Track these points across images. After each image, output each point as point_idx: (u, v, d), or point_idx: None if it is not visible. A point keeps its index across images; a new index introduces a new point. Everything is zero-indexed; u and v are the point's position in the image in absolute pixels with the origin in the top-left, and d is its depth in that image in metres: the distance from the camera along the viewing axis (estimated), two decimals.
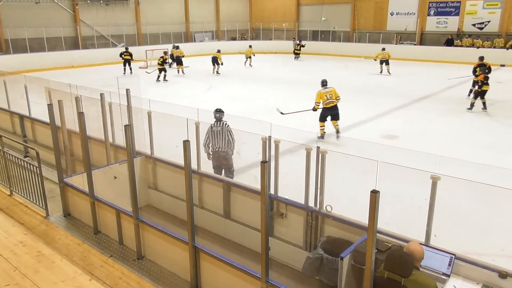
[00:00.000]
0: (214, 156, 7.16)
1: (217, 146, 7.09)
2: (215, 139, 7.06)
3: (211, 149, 7.10)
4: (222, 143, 7.06)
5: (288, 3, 36.65)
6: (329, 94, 10.37)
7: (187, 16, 34.06)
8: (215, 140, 7.06)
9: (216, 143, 7.07)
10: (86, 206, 5.79)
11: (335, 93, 10.48)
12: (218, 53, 22.59)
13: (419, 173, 4.05)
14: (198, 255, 4.49)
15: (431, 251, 3.76)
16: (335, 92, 10.48)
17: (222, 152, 7.12)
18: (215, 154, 7.14)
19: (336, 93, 10.50)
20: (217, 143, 7.07)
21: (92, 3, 28.17)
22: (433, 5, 29.17)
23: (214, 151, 7.13)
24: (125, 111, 7.01)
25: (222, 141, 7.06)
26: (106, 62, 25.40)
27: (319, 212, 4.86)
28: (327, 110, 10.35)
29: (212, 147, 7.11)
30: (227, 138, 7.06)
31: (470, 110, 13.55)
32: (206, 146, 7.07)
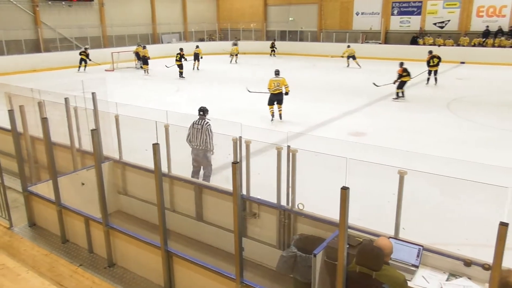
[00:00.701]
0: (193, 152, 7.42)
1: (195, 143, 7.31)
2: (195, 136, 7.29)
3: (191, 145, 7.36)
4: (200, 141, 7.26)
5: (255, 3, 36.76)
6: (277, 83, 11.98)
7: (154, 17, 33.59)
8: (194, 137, 7.30)
9: (195, 141, 7.30)
10: (52, 215, 5.61)
11: (284, 82, 11.99)
12: (199, 49, 23.93)
13: (386, 169, 4.15)
14: (171, 259, 4.44)
15: (400, 243, 3.87)
16: (283, 82, 11.99)
17: (200, 150, 7.31)
18: (194, 151, 7.39)
19: (285, 82, 12.00)
20: (195, 140, 7.29)
21: (54, 4, 27.30)
22: (396, 5, 29.96)
23: (193, 148, 7.37)
24: (91, 115, 6.84)
25: (200, 139, 7.25)
26: (70, 65, 24.65)
27: (291, 211, 4.90)
28: (274, 95, 12.12)
29: (192, 144, 7.35)
30: (204, 137, 7.24)
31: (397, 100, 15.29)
32: (188, 141, 7.37)
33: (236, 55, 27.54)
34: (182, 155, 7.40)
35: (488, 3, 26.38)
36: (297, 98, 16.03)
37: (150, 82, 20.42)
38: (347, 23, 32.24)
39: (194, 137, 7.31)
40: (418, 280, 3.62)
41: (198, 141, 7.28)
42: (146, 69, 22.91)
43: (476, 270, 3.61)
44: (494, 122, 12.01)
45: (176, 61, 20.92)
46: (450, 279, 3.62)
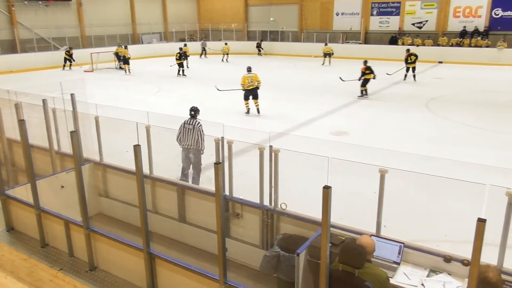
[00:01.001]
0: (184, 152, 7.36)
1: (187, 143, 7.26)
2: (186, 135, 7.25)
3: (182, 144, 7.31)
4: (192, 141, 7.22)
5: (236, 4, 36.72)
6: (250, 79, 12.71)
7: (134, 17, 33.22)
8: (185, 136, 7.25)
9: (186, 140, 7.25)
10: (31, 219, 5.50)
11: (256, 78, 12.81)
12: (186, 47, 24.90)
13: (368, 167, 4.20)
14: (154, 262, 4.40)
15: (382, 241, 3.92)
16: (256, 77, 12.80)
17: (191, 150, 7.28)
18: (185, 150, 7.34)
19: (257, 78, 12.82)
20: (187, 140, 7.25)
21: (30, 4, 26.73)
22: (375, 6, 30.35)
23: (184, 148, 7.32)
24: (70, 117, 6.73)
25: (192, 139, 7.22)
26: (48, 66, 24.23)
27: (274, 211, 4.91)
28: (248, 91, 12.78)
29: (182, 143, 7.30)
30: (196, 137, 7.21)
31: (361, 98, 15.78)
32: (179, 141, 7.34)
33: (227, 54, 28.54)
34: (164, 156, 7.34)
35: (464, 4, 26.97)
36: (279, 98, 16.11)
37: (131, 83, 20.20)
38: (327, 23, 32.51)
39: (185, 137, 7.26)
40: (399, 277, 3.68)
41: (190, 141, 7.23)
42: (127, 68, 22.91)
43: (455, 266, 3.69)
44: (470, 121, 12.29)
45: (176, 59, 21.51)
46: (430, 275, 3.69)
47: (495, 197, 3.62)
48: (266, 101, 15.40)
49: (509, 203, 3.45)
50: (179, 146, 7.42)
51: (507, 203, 3.46)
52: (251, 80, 12.68)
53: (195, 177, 7.44)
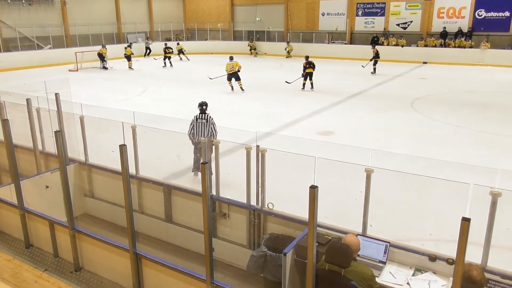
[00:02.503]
0: (197, 147, 7.55)
1: (200, 137, 7.43)
2: (200, 129, 7.48)
3: (195, 139, 7.49)
4: (206, 134, 7.47)
5: (222, 3, 36.62)
6: (231, 65, 16.52)
7: (119, 16, 32.87)
8: (199, 130, 7.48)
9: (201, 134, 7.46)
10: (15, 219, 5.41)
11: (237, 64, 16.50)
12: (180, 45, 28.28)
13: (354, 167, 4.24)
14: (140, 262, 4.38)
15: (368, 240, 3.97)
16: (236, 64, 16.50)
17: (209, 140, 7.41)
18: (198, 145, 7.51)
19: (237, 64, 16.51)
20: (201, 134, 7.46)
21: (13, 2, 26.25)
22: (360, 6, 30.57)
23: (198, 142, 7.47)
24: (55, 117, 6.64)
25: (206, 132, 7.47)
26: (31, 65, 23.83)
27: (261, 210, 4.93)
28: (230, 74, 16.72)
29: (195, 138, 7.47)
30: (210, 130, 7.54)
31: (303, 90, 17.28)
32: (191, 135, 7.55)
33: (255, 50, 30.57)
34: (151, 156, 7.30)
35: (448, 5, 27.31)
36: (265, 98, 16.14)
37: (116, 83, 20.01)
38: (313, 23, 32.64)
39: (199, 131, 7.52)
40: (385, 276, 3.73)
41: (204, 134, 7.48)
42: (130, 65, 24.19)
43: (440, 265, 3.75)
44: (454, 120, 12.48)
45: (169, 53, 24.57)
46: (416, 274, 3.74)
47: (479, 196, 3.69)
48: (252, 101, 15.45)
49: (493, 202, 3.52)
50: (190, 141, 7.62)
51: (491, 202, 3.53)
52: (232, 66, 16.47)
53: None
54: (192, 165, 7.83)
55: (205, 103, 7.84)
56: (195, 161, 7.78)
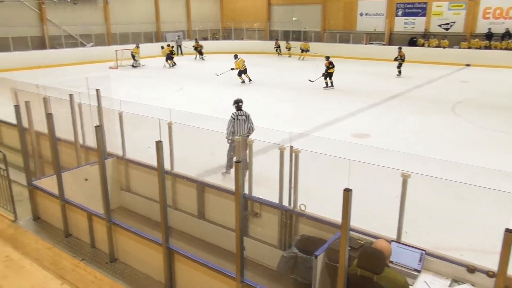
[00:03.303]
0: (232, 145, 7.71)
1: (241, 131, 7.67)
2: (241, 126, 7.76)
3: (235, 135, 7.60)
4: (246, 129, 7.69)
5: (259, 3, 36.71)
6: (242, 62, 19.02)
7: (158, 15, 33.60)
8: (240, 127, 7.75)
9: (243, 130, 7.68)
10: (56, 209, 5.65)
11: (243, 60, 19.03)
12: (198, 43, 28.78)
13: (390, 171, 4.15)
14: (173, 257, 4.46)
15: (402, 247, 3.86)
16: (243, 60, 19.02)
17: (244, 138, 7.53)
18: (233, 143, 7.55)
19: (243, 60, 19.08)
20: (242, 130, 7.69)
21: (60, 2, 27.38)
22: (400, 6, 29.86)
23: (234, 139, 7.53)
24: (95, 112, 6.87)
25: (246, 128, 7.77)
26: (74, 62, 24.75)
27: (293, 211, 4.91)
28: (241, 71, 18.93)
29: (236, 134, 7.63)
30: (249, 125, 7.80)
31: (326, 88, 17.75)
32: (230, 133, 7.71)
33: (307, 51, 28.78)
34: (186, 153, 7.40)
35: (495, 5, 26.19)
36: (300, 98, 16.07)
37: (154, 81, 20.45)
38: (350, 23, 32.17)
39: (240, 128, 7.72)
40: (420, 285, 3.62)
41: (244, 130, 7.71)
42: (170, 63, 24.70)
43: (480, 277, 3.58)
44: (498, 126, 11.97)
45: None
46: (453, 285, 3.60)
47: None
48: (286, 101, 15.41)
49: None
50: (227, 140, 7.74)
51: None
52: (243, 63, 18.96)
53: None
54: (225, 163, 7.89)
55: (241, 100, 7.95)
56: (228, 159, 7.84)
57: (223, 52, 29.97)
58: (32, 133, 7.18)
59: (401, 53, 21.24)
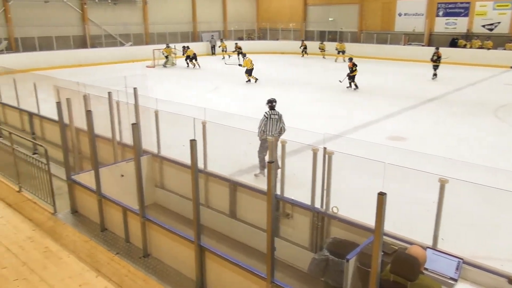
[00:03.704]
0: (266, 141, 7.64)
1: (273, 131, 7.72)
2: (272, 125, 7.78)
3: (266, 133, 7.70)
4: (277, 128, 7.77)
5: (295, 3, 36.59)
6: (251, 61, 19.25)
7: (195, 15, 34.11)
8: (271, 126, 7.77)
9: (275, 129, 7.77)
10: (93, 204, 5.82)
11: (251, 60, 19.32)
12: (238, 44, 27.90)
13: (427, 176, 4.02)
14: (204, 254, 4.50)
15: (438, 254, 3.74)
16: (251, 60, 19.31)
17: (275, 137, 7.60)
18: (265, 141, 7.66)
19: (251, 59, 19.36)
20: (274, 129, 7.73)
21: (101, 2, 28.32)
22: (442, 6, 28.98)
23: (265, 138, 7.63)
24: (132, 110, 7.04)
25: (277, 127, 7.78)
26: (113, 61, 25.52)
27: (325, 213, 4.85)
28: (250, 70, 19.30)
29: (267, 132, 7.71)
30: (282, 125, 7.82)
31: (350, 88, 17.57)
32: (262, 132, 7.76)
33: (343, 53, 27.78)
34: (219, 152, 7.47)
35: None
36: (334, 99, 15.88)
37: (190, 80, 20.77)
38: (388, 24, 31.51)
39: (271, 127, 7.75)
40: None
41: (276, 130, 7.73)
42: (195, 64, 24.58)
43: None
44: None
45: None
46: None
47: None
48: (321, 102, 15.27)
49: None
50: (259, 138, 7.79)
51: None
52: (252, 62, 19.21)
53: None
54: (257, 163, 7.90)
55: (275, 100, 7.99)
56: (260, 160, 7.87)
57: (257, 52, 30.04)
58: (72, 129, 7.44)
59: (439, 53, 20.33)
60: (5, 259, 4.80)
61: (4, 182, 7.06)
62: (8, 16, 24.44)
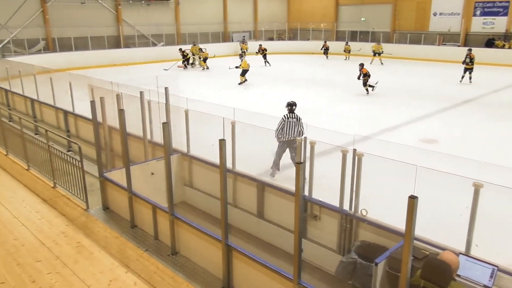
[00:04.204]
0: (285, 144, 7.76)
1: (290, 135, 7.64)
2: (290, 129, 7.68)
3: (284, 137, 7.67)
4: (296, 132, 7.63)
5: (327, 3, 36.27)
6: (247, 62, 18.87)
7: (226, 16, 34.37)
8: (289, 130, 7.67)
9: (292, 133, 7.63)
10: (124, 201, 5.95)
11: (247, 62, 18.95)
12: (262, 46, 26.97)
13: (460, 180, 3.91)
14: (231, 254, 4.52)
15: (472, 261, 3.62)
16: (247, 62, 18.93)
17: (291, 142, 7.64)
18: (284, 143, 7.74)
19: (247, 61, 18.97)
20: (291, 132, 7.64)
21: (134, 3, 28.96)
22: (479, 5, 28.05)
23: (285, 140, 7.69)
24: (163, 109, 7.15)
25: (296, 131, 7.66)
26: (146, 61, 26.03)
27: (354, 216, 4.79)
28: (245, 70, 18.85)
29: (284, 136, 7.66)
30: (300, 129, 7.69)
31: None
32: (279, 135, 7.71)
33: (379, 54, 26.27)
34: (247, 152, 7.49)
35: None
36: (365, 101, 15.64)
37: (219, 80, 20.92)
38: (423, 24, 30.76)
39: (289, 130, 7.65)
40: None
41: (294, 133, 7.63)
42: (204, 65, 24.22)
43: None
44: None
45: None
46: None
47: None
48: (351, 103, 15.07)
49: None
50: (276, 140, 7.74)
51: None
52: (248, 63, 18.92)
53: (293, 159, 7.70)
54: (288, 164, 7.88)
55: (294, 103, 7.88)
56: (275, 160, 7.87)
57: (287, 53, 29.98)
58: (105, 128, 7.63)
59: (471, 55, 18.74)
60: (40, 253, 4.97)
61: (40, 178, 7.32)
62: (46, 17, 25.36)
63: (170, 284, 4.51)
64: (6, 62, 15.37)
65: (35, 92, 11.95)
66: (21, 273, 4.57)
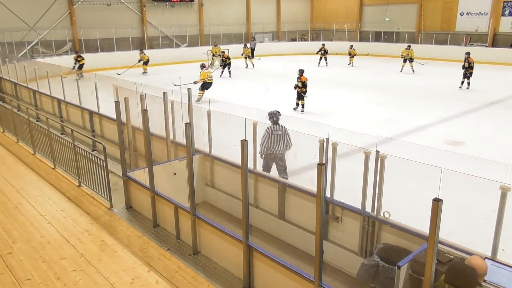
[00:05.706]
0: (270, 157, 7.27)
1: (276, 148, 7.16)
2: (276, 141, 7.13)
3: (269, 150, 7.18)
4: (282, 145, 7.16)
5: (350, 3, 35.94)
6: (208, 74, 15.31)
7: (249, 17, 34.47)
8: (275, 142, 7.13)
9: (276, 146, 7.14)
10: (146, 200, 6.04)
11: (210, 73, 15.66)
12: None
13: (486, 183, 3.81)
14: (252, 254, 4.53)
15: (498, 266, 3.53)
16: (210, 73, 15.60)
17: (279, 154, 7.22)
18: (272, 155, 7.24)
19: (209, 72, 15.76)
20: (277, 145, 7.14)
21: (159, 5, 29.38)
22: (508, 5, 27.29)
23: (271, 152, 7.21)
24: (186, 110, 7.22)
25: (283, 144, 7.15)
26: (169, 62, 26.36)
27: (376, 218, 4.73)
28: (207, 83, 15.06)
29: (270, 149, 7.17)
30: (286, 141, 7.19)
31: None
32: (264, 149, 7.15)
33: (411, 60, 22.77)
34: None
35: None
36: (388, 102, 15.42)
37: (241, 80, 20.99)
38: (449, 24, 30.12)
39: (274, 143, 7.13)
40: None
41: (280, 145, 7.16)
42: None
43: None
44: None
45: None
46: None
47: None
48: (375, 105, 14.88)
49: None
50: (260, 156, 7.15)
51: None
52: (209, 75, 15.31)
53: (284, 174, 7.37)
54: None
55: (278, 112, 7.22)
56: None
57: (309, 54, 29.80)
58: (129, 128, 7.76)
59: (470, 59, 17.37)
60: (65, 250, 5.09)
61: (66, 177, 7.50)
62: (73, 19, 25.98)
63: (191, 283, 4.55)
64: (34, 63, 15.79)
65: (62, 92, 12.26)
66: (47, 270, 4.69)
